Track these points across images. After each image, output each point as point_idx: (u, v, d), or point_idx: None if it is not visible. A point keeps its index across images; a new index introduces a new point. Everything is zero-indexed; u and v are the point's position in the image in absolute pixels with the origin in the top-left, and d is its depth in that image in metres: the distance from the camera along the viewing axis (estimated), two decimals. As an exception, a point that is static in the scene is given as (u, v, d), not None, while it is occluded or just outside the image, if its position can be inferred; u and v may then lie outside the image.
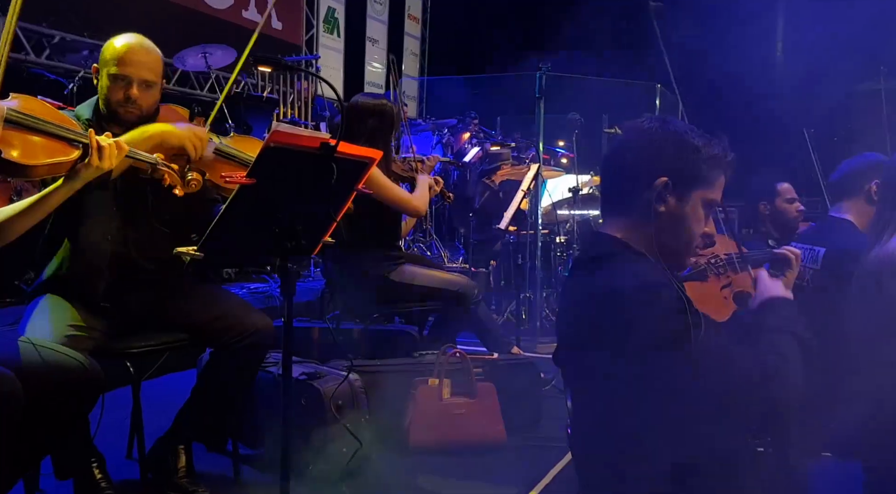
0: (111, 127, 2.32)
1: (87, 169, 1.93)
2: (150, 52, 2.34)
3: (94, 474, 2.26)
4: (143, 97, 2.29)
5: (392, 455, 2.74)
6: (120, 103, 2.28)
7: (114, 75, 2.26)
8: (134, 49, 2.29)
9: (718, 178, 1.44)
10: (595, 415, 1.42)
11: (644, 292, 1.29)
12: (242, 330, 2.32)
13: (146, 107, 2.32)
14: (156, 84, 2.34)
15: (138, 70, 2.27)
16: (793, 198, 3.46)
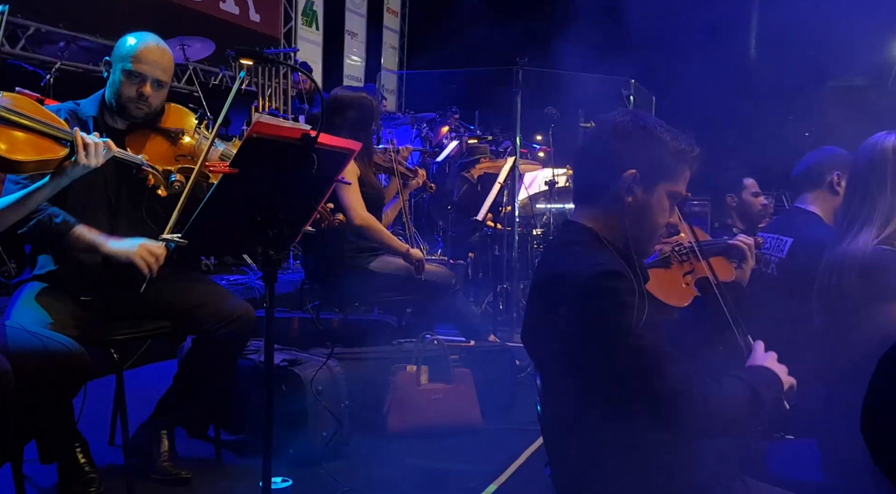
0: (116, 121, 2.38)
1: (74, 167, 1.98)
2: (165, 52, 2.41)
3: (79, 458, 2.30)
4: (154, 96, 2.37)
5: (371, 439, 2.82)
6: (131, 100, 2.35)
7: (129, 72, 2.33)
8: (150, 48, 2.36)
9: (684, 172, 1.51)
10: (559, 393, 1.50)
11: (600, 280, 1.35)
12: (223, 318, 2.38)
13: (155, 106, 2.40)
14: (166, 84, 2.41)
15: (153, 69, 2.35)
16: (757, 193, 3.58)
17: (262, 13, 8.37)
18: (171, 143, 2.42)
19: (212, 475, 2.49)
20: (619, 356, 1.34)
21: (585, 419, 1.44)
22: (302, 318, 3.67)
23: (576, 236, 1.52)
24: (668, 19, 7.41)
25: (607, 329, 1.34)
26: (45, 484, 2.33)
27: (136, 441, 2.47)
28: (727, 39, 8.85)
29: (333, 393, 2.63)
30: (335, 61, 9.79)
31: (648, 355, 1.34)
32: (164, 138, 2.42)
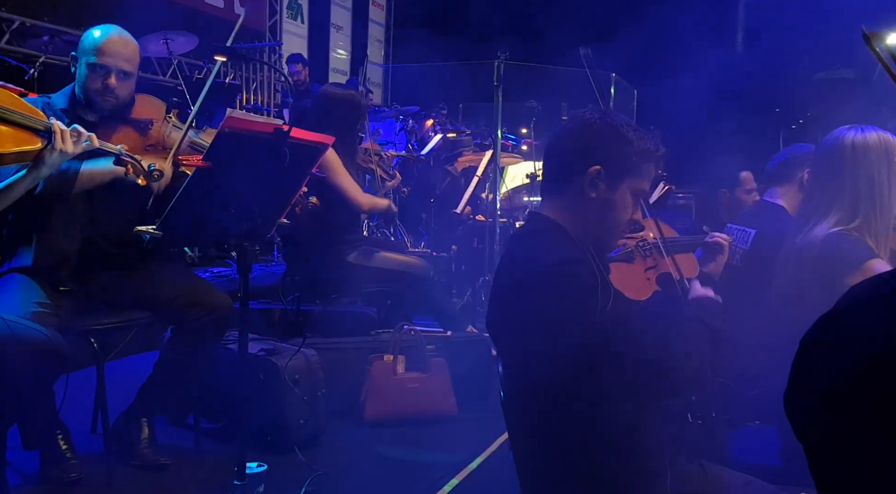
0: (87, 114, 2.40)
1: (52, 154, 2.01)
2: (129, 43, 2.43)
3: (60, 445, 2.37)
4: (121, 87, 2.39)
5: (348, 427, 2.89)
6: (98, 92, 2.37)
7: (92, 65, 2.35)
8: (113, 40, 2.38)
9: (648, 170, 1.55)
10: (520, 379, 1.56)
11: (560, 267, 1.40)
12: (202, 308, 2.43)
13: (123, 97, 2.42)
14: (133, 74, 2.43)
15: (116, 60, 2.36)
16: (752, 189, 3.59)
17: (246, 6, 8.37)
18: (140, 134, 2.45)
19: (190, 461, 2.55)
20: (587, 335, 1.36)
21: (544, 404, 1.50)
22: (283, 310, 3.73)
23: (539, 227, 1.57)
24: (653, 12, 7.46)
25: (573, 309, 1.37)
26: (27, 470, 2.38)
27: (117, 429, 2.53)
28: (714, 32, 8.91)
29: (310, 381, 2.70)
30: (321, 55, 9.80)
31: (619, 330, 1.38)
32: (133, 129, 2.45)
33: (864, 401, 0.75)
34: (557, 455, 1.51)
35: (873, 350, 0.75)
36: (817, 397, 0.80)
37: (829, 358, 0.81)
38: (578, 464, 1.49)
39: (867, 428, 0.74)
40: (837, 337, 0.80)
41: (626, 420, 1.49)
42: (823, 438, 0.79)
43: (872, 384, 0.74)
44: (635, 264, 1.87)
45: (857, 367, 0.76)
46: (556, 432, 1.50)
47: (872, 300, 0.80)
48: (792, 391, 0.84)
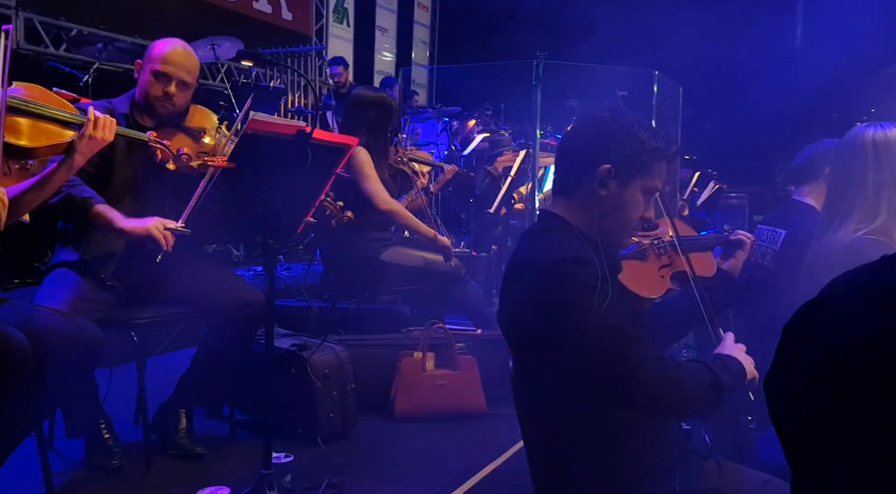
0: (143, 118, 2.55)
1: (81, 141, 2.10)
2: (191, 56, 2.60)
3: (102, 433, 2.49)
4: (179, 96, 2.54)
5: (378, 422, 2.96)
6: (157, 98, 2.52)
7: (156, 72, 2.50)
8: (177, 51, 2.54)
9: (660, 169, 1.57)
10: (529, 374, 1.59)
11: (560, 265, 1.43)
12: (236, 304, 2.52)
13: (179, 105, 2.57)
14: (191, 85, 2.58)
15: (178, 70, 2.52)
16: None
17: (293, 11, 8.56)
18: (194, 141, 2.58)
19: (224, 451, 2.64)
20: (580, 335, 1.39)
21: (552, 398, 1.53)
22: (320, 307, 3.82)
23: (548, 225, 1.60)
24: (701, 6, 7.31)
25: (569, 310, 1.40)
26: (73, 458, 2.52)
27: (157, 419, 2.65)
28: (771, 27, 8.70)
29: (339, 376, 2.77)
30: (366, 57, 9.94)
31: (609, 334, 1.39)
32: (188, 136, 2.58)
33: (837, 388, 0.76)
34: (567, 450, 1.54)
35: (848, 338, 0.77)
36: (795, 382, 0.82)
37: (809, 345, 0.83)
38: (590, 458, 1.51)
39: (841, 414, 0.75)
40: (816, 324, 0.82)
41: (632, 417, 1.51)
42: (798, 422, 0.81)
43: (846, 371, 0.76)
44: (649, 262, 1.88)
45: (831, 354, 0.78)
46: (564, 425, 1.53)
47: (851, 288, 0.82)
48: (772, 374, 0.86)
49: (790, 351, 0.83)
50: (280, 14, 8.43)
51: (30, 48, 5.71)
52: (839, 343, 0.77)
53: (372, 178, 3.35)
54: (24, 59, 5.57)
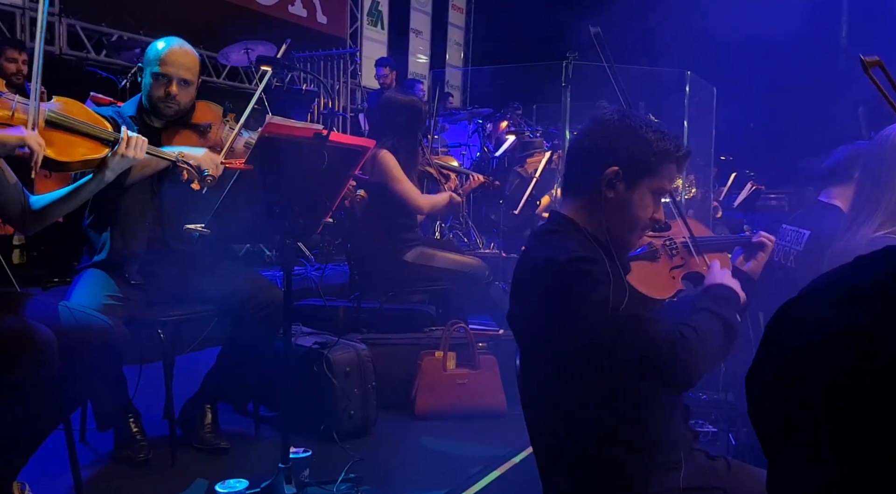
0: (153, 120, 2.61)
1: (114, 158, 2.18)
2: (189, 53, 2.61)
3: (131, 427, 2.58)
4: (181, 94, 2.57)
5: (399, 420, 3.00)
6: (160, 99, 2.56)
7: (156, 74, 2.54)
8: (174, 51, 2.56)
9: (669, 171, 1.57)
10: (537, 371, 1.61)
11: (571, 264, 1.44)
12: (259, 303, 2.58)
13: (184, 103, 2.60)
14: (192, 82, 2.61)
15: (177, 70, 2.55)
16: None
17: (328, 15, 8.68)
18: (201, 137, 2.64)
19: (248, 446, 2.71)
20: (600, 328, 1.41)
21: (561, 396, 1.55)
22: (346, 307, 3.88)
23: (557, 225, 1.62)
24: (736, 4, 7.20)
25: (586, 305, 1.42)
26: (102, 450, 2.61)
27: (184, 415, 2.72)
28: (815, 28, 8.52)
29: (360, 374, 2.82)
30: (401, 60, 10.01)
31: (628, 321, 1.41)
32: (195, 133, 2.64)
33: (802, 384, 0.78)
34: (573, 446, 1.56)
35: (812, 335, 0.78)
36: (768, 377, 0.84)
37: (781, 342, 0.84)
38: (593, 455, 1.53)
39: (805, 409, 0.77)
40: (790, 322, 0.84)
41: (639, 414, 1.52)
42: (769, 417, 0.83)
43: (809, 368, 0.77)
44: (660, 263, 1.88)
45: (798, 351, 0.80)
46: (572, 423, 1.54)
47: (822, 287, 0.83)
48: (750, 370, 0.88)
49: (766, 347, 0.85)
50: (315, 17, 8.55)
51: (72, 54, 5.90)
52: (805, 340, 0.78)
53: (403, 180, 3.39)
54: (67, 64, 5.76)
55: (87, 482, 2.37)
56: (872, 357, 0.70)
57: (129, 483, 2.40)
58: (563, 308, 1.46)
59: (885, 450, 0.67)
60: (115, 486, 2.38)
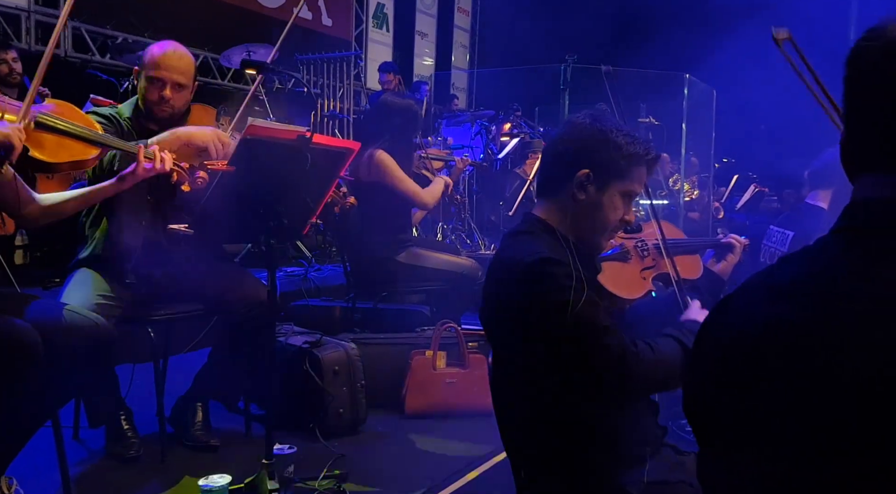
0: (148, 123, 2.63)
1: (135, 177, 2.22)
2: (183, 57, 2.63)
3: (123, 425, 2.62)
4: (176, 98, 2.59)
5: (388, 418, 3.03)
6: (154, 103, 2.58)
7: (151, 78, 2.57)
8: (168, 55, 2.59)
9: (638, 174, 1.61)
10: (507, 368, 1.64)
11: (538, 265, 1.47)
12: (248, 302, 2.61)
13: (178, 107, 2.62)
14: (187, 86, 2.63)
15: (172, 73, 2.57)
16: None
17: (333, 17, 8.73)
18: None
19: (238, 444, 2.74)
20: (558, 332, 1.44)
21: (529, 394, 1.58)
22: (342, 307, 3.92)
23: (529, 226, 1.65)
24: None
25: (545, 308, 1.45)
26: (94, 447, 2.65)
27: (175, 413, 2.76)
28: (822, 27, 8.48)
29: (349, 373, 2.85)
30: (406, 62, 10.06)
31: (585, 328, 1.44)
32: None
33: (730, 375, 0.82)
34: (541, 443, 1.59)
35: (740, 330, 0.82)
36: (701, 371, 0.88)
37: (713, 338, 0.88)
38: (561, 451, 1.56)
39: (734, 399, 0.80)
40: (720, 320, 0.88)
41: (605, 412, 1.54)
42: (703, 408, 0.87)
43: (736, 360, 0.81)
44: (631, 263, 1.90)
45: (727, 345, 0.84)
46: (540, 421, 1.57)
47: (751, 286, 0.86)
48: (689, 365, 0.91)
49: (701, 343, 0.89)
50: (320, 20, 8.60)
51: (77, 56, 5.97)
52: (734, 333, 0.82)
53: (405, 180, 3.43)
54: (72, 66, 5.83)
55: (77, 478, 2.42)
56: (790, 347, 0.73)
57: (119, 479, 2.44)
58: (525, 308, 1.49)
59: (808, 434, 0.70)
60: (105, 482, 2.42)
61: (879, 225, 0.74)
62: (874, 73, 0.76)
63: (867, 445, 0.65)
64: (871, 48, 0.76)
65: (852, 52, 0.79)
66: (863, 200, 0.78)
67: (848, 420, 0.66)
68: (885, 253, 0.71)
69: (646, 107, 7.04)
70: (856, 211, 0.78)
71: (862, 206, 0.77)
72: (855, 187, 0.80)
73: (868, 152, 0.78)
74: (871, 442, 0.65)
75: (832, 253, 0.76)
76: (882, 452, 0.64)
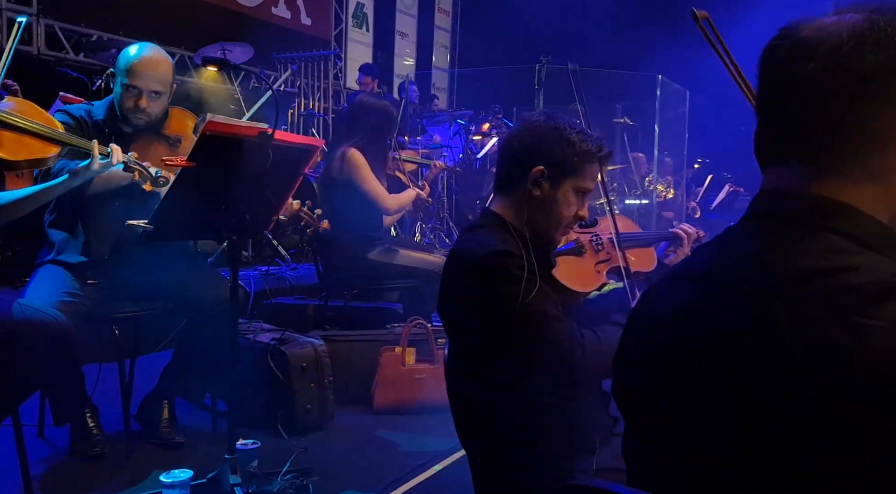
0: (124, 126, 2.60)
1: (87, 171, 2.23)
2: (161, 63, 2.57)
3: (88, 422, 2.61)
4: (152, 106, 2.56)
5: (356, 414, 3.05)
6: (131, 110, 2.54)
7: (126, 85, 2.53)
8: (144, 62, 2.53)
9: (591, 171, 1.65)
10: (461, 358, 1.66)
11: (491, 258, 1.51)
12: (214, 300, 2.61)
13: (155, 114, 2.59)
14: (164, 93, 2.59)
15: (147, 82, 2.52)
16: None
17: (312, 16, 8.71)
18: (171, 148, 2.65)
19: (204, 440, 2.74)
20: (508, 321, 1.48)
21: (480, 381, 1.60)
22: (315, 305, 3.93)
23: (486, 221, 1.68)
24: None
25: (497, 298, 1.49)
26: (59, 445, 2.64)
27: (141, 410, 2.76)
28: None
29: (317, 370, 2.86)
30: (386, 62, 10.05)
31: (535, 317, 1.47)
32: (165, 144, 2.64)
33: (643, 357, 0.87)
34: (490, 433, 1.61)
35: (653, 315, 0.87)
36: (628, 355, 0.91)
37: (637, 324, 0.92)
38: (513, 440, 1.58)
39: (649, 381, 0.85)
40: (645, 306, 0.91)
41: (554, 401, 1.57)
42: (626, 389, 0.91)
43: (648, 344, 0.85)
44: (586, 258, 1.94)
45: (642, 330, 0.88)
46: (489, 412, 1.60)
47: (669, 274, 0.90)
48: (617, 353, 0.95)
49: (627, 331, 0.92)
50: (299, 19, 8.58)
51: (51, 54, 5.92)
52: (651, 318, 0.85)
53: (371, 180, 3.44)
54: (44, 64, 5.78)
55: (42, 475, 2.41)
56: (695, 330, 0.77)
57: (84, 476, 2.43)
58: (478, 299, 1.53)
59: (703, 414, 0.73)
60: (70, 479, 2.42)
61: (781, 214, 0.77)
62: (782, 71, 0.78)
63: (754, 423, 0.68)
64: (780, 47, 0.79)
65: (764, 51, 0.82)
66: (769, 190, 0.81)
67: (739, 397, 0.69)
68: (784, 240, 0.74)
69: (621, 107, 7.10)
70: (762, 199, 0.81)
71: (768, 196, 0.80)
72: (764, 177, 0.83)
73: (776, 145, 0.81)
74: (757, 421, 0.68)
75: (737, 241, 0.79)
76: (770, 431, 0.67)
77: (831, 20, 0.77)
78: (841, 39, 0.74)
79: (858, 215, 0.74)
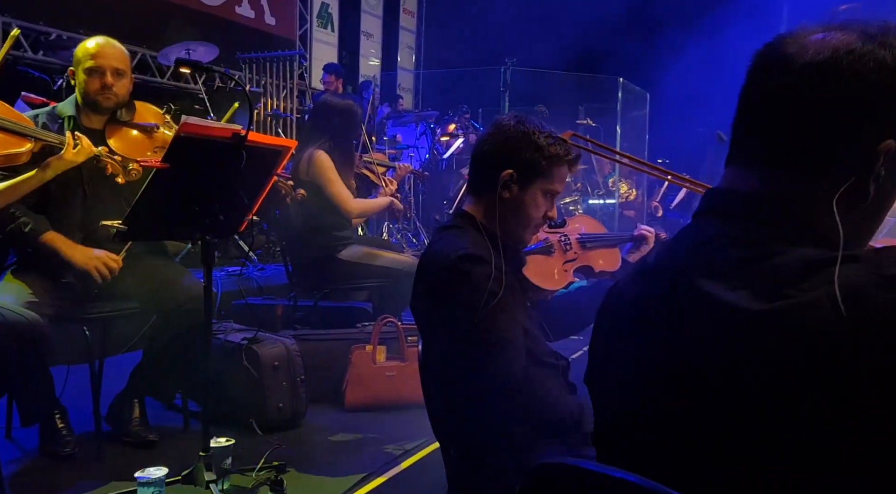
0: (92, 116, 2.64)
1: (60, 161, 2.24)
2: (117, 46, 2.69)
3: (57, 423, 2.60)
4: (118, 85, 2.63)
5: (328, 412, 3.08)
6: (97, 92, 2.60)
7: (89, 69, 2.59)
8: (103, 45, 2.64)
9: (560, 173, 1.70)
10: (433, 355, 1.72)
11: (459, 262, 1.55)
12: (181, 299, 2.62)
13: (121, 95, 2.66)
14: (125, 73, 2.67)
15: (109, 61, 2.62)
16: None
17: (276, 16, 8.68)
18: (147, 137, 2.69)
19: (176, 439, 2.76)
20: (465, 330, 1.52)
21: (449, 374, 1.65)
22: (284, 305, 3.95)
23: (458, 222, 1.73)
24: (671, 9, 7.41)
25: (457, 306, 1.54)
26: (28, 446, 2.63)
27: (112, 410, 2.76)
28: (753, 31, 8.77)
29: (289, 368, 2.89)
30: (352, 62, 10.06)
31: (491, 336, 1.51)
32: (141, 133, 2.68)
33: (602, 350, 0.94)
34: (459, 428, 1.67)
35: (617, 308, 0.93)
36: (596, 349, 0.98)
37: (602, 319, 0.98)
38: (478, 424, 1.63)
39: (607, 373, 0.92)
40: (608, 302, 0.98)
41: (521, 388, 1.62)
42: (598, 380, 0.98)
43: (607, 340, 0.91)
44: (554, 257, 2.01)
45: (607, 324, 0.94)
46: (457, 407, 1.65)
47: (631, 270, 0.97)
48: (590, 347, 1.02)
49: (596, 327, 0.99)
50: (263, 19, 8.54)
51: (9, 53, 5.82)
52: (612, 311, 0.93)
53: (336, 183, 3.47)
54: (3, 63, 5.68)
55: (11, 476, 2.41)
56: (644, 320, 0.84)
57: (54, 476, 2.43)
58: (439, 302, 1.58)
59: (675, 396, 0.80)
60: (39, 480, 2.42)
61: (735, 213, 0.83)
62: (761, 79, 0.83)
63: (695, 411, 0.75)
64: (764, 56, 0.84)
65: (752, 57, 0.87)
66: (727, 189, 0.87)
67: (688, 379, 0.76)
68: (733, 238, 0.80)
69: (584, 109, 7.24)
70: (718, 197, 0.87)
71: (725, 194, 0.86)
72: (724, 175, 0.89)
73: (741, 149, 0.86)
74: (697, 408, 0.75)
75: (689, 237, 0.86)
76: (707, 417, 0.74)
77: (816, 37, 0.80)
78: (821, 57, 0.77)
79: (812, 215, 0.78)
